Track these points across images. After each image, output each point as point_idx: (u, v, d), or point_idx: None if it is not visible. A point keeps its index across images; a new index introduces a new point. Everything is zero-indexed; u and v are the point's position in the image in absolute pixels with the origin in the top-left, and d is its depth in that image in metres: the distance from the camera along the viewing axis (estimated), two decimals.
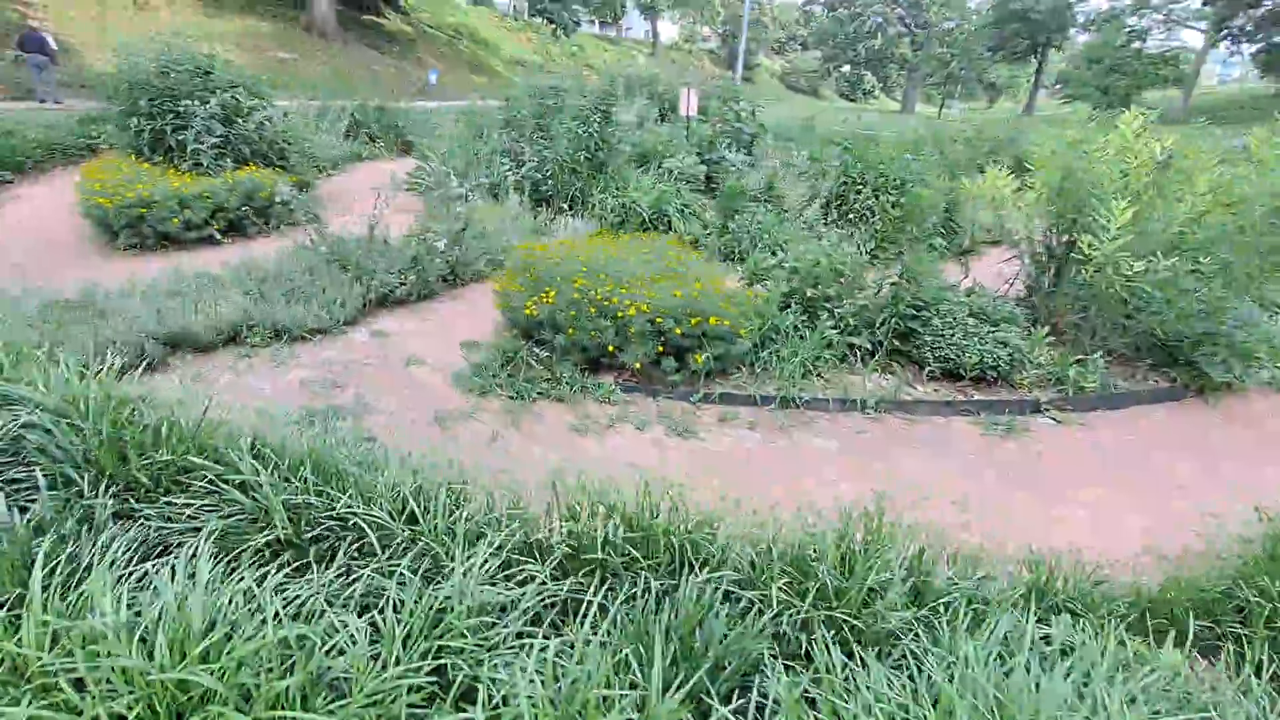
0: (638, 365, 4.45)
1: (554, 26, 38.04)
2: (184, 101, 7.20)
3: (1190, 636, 2.40)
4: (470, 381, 4.55)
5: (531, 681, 1.66)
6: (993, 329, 5.00)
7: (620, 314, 4.37)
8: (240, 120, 7.75)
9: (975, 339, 4.93)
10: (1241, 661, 2.29)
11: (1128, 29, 18.25)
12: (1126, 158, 4.60)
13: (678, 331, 4.39)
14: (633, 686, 1.73)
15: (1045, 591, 2.57)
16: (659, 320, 4.40)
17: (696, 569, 2.25)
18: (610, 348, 4.48)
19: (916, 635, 2.11)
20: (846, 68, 63.02)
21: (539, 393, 4.46)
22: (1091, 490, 3.83)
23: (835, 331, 5.00)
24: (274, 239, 7.12)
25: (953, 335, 4.95)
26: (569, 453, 3.89)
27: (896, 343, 5.21)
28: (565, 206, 8.61)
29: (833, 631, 2.11)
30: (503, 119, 9.67)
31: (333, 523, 2.38)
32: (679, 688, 1.75)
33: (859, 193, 8.24)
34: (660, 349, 4.47)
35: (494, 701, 1.66)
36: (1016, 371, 4.92)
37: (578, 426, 4.18)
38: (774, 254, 5.52)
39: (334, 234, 6.10)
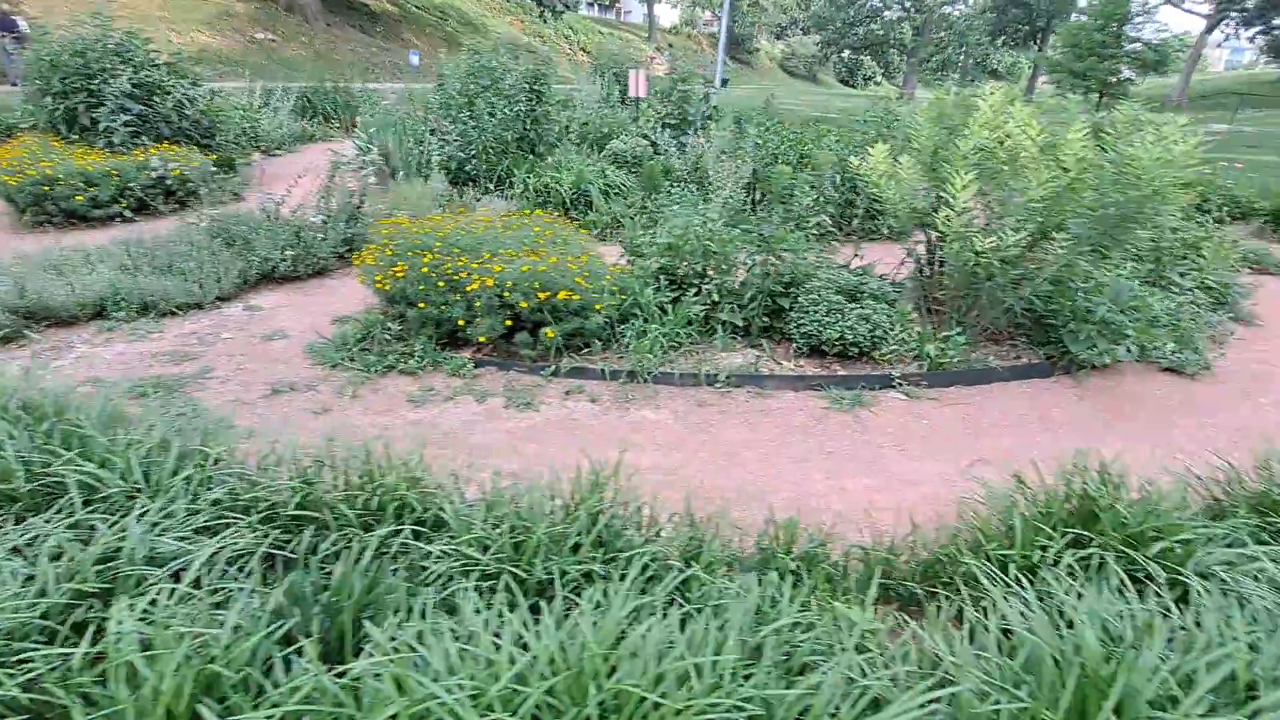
0: (483, 339, 4.48)
1: (542, 9, 37.68)
2: (95, 80, 7.21)
3: (905, 595, 2.45)
4: (323, 355, 4.59)
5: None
6: (857, 306, 5.00)
7: (468, 287, 4.40)
8: (158, 99, 7.76)
9: (838, 316, 4.93)
10: (960, 618, 2.33)
11: (1117, 15, 17.94)
12: (986, 133, 4.56)
13: (524, 305, 4.42)
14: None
15: (775, 553, 2.60)
16: (507, 294, 4.43)
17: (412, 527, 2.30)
18: (460, 321, 4.51)
19: (586, 586, 2.15)
20: (846, 52, 62.29)
21: (388, 366, 4.50)
22: (900, 463, 3.84)
23: (701, 307, 5.02)
24: (186, 217, 7.17)
25: (815, 312, 4.96)
26: (394, 422, 3.93)
27: (770, 320, 5.23)
28: (491, 186, 8.61)
29: (516, 580, 2.17)
30: (438, 99, 9.65)
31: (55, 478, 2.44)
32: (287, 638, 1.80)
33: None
34: (508, 323, 4.50)
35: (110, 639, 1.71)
36: (877, 348, 4.93)
37: (415, 398, 4.22)
38: (650, 230, 5.52)
39: (230, 211, 6.14)
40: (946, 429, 4.32)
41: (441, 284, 4.44)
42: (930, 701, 1.68)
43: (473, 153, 8.45)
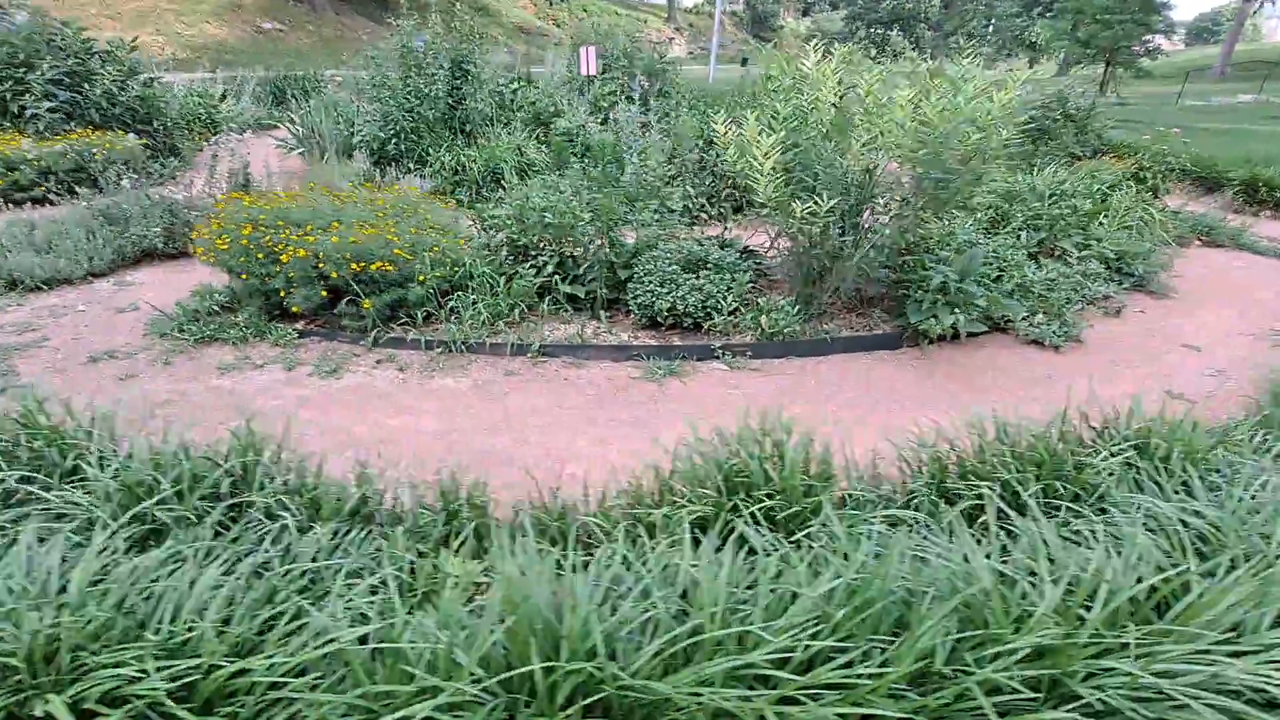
0: (296, 309, 4.58)
1: None
2: (20, 69, 7.53)
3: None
4: (158, 326, 4.75)
5: None
6: (693, 278, 4.93)
7: (282, 258, 4.49)
8: (87, 87, 8.06)
9: (672, 286, 4.87)
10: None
11: None
12: (806, 93, 4.42)
13: (334, 275, 4.49)
14: None
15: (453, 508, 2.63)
16: (321, 265, 4.51)
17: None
18: (281, 291, 4.61)
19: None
20: (873, 27, 60.39)
21: (211, 336, 4.63)
22: (681, 430, 3.80)
23: (539, 280, 5.02)
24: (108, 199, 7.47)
25: (649, 283, 4.91)
26: (192, 389, 4.06)
27: (616, 293, 5.20)
28: (412, 166, 8.70)
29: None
30: (372, 80, 9.76)
31: None
32: None
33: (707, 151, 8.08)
34: (325, 294, 4.59)
35: None
36: (710, 319, 4.85)
37: (226, 366, 4.34)
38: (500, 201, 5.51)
39: (130, 190, 6.37)
40: (755, 399, 4.24)
41: (261, 255, 4.54)
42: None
43: (393, 132, 8.54)
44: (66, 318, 4.97)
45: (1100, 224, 6.20)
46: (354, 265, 4.48)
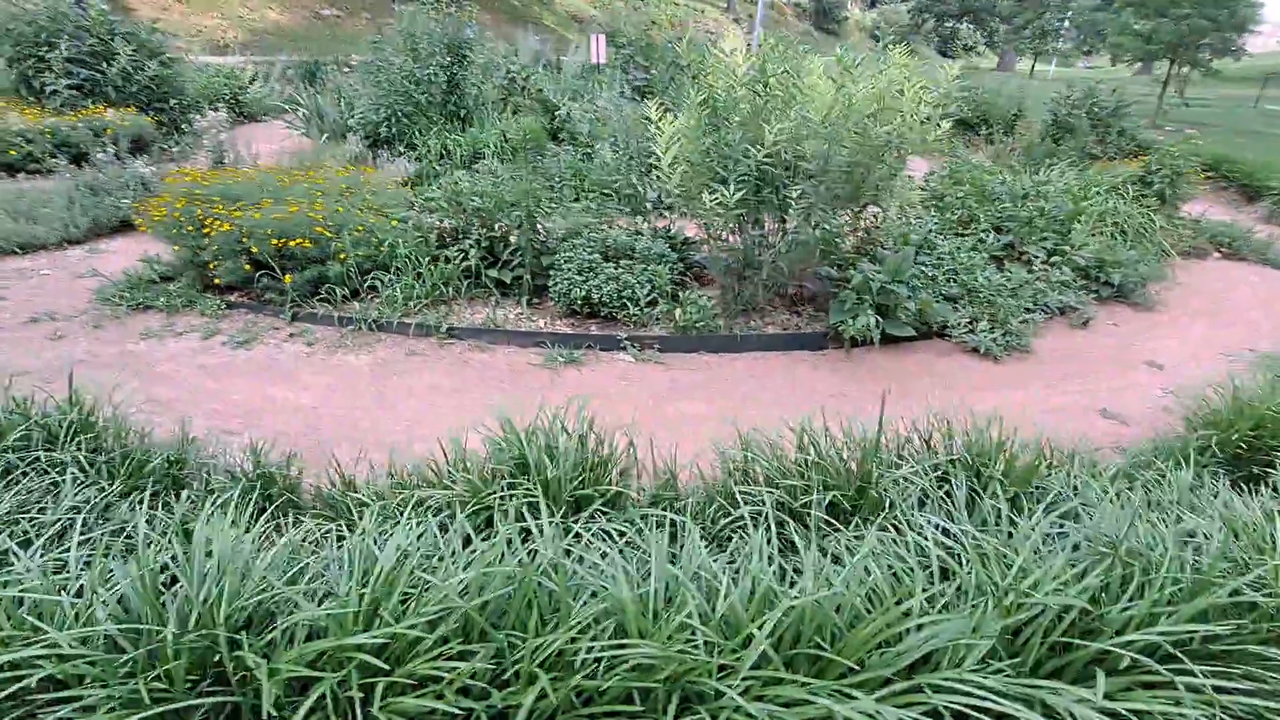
0: (219, 281, 4.74)
1: None
2: (43, 48, 8.04)
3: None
4: (106, 292, 5.01)
5: None
6: (612, 267, 4.86)
7: (207, 232, 4.66)
8: (106, 65, 8.54)
9: (589, 275, 4.82)
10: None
11: None
12: (722, 82, 4.25)
13: (255, 250, 4.63)
14: None
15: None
16: (245, 239, 4.65)
17: None
18: (210, 264, 4.79)
19: None
20: (937, 20, 57.95)
21: (144, 303, 4.85)
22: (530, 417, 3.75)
23: (464, 262, 5.05)
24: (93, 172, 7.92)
25: (568, 270, 4.86)
26: (105, 351, 4.27)
27: (545, 279, 5.19)
28: (403, 149, 8.87)
29: None
30: (369, 67, 9.99)
31: None
32: None
33: None
34: (248, 267, 4.73)
35: None
36: (626, 309, 4.78)
37: (149, 333, 4.54)
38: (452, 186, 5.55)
39: (108, 164, 6.74)
40: (646, 391, 4.17)
41: (190, 228, 4.72)
42: None
43: (385, 116, 8.73)
44: (31, 280, 5.29)
45: (1077, 228, 5.79)
46: (275, 241, 4.61)
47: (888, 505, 2.34)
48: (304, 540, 2.00)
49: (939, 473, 2.51)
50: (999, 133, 11.58)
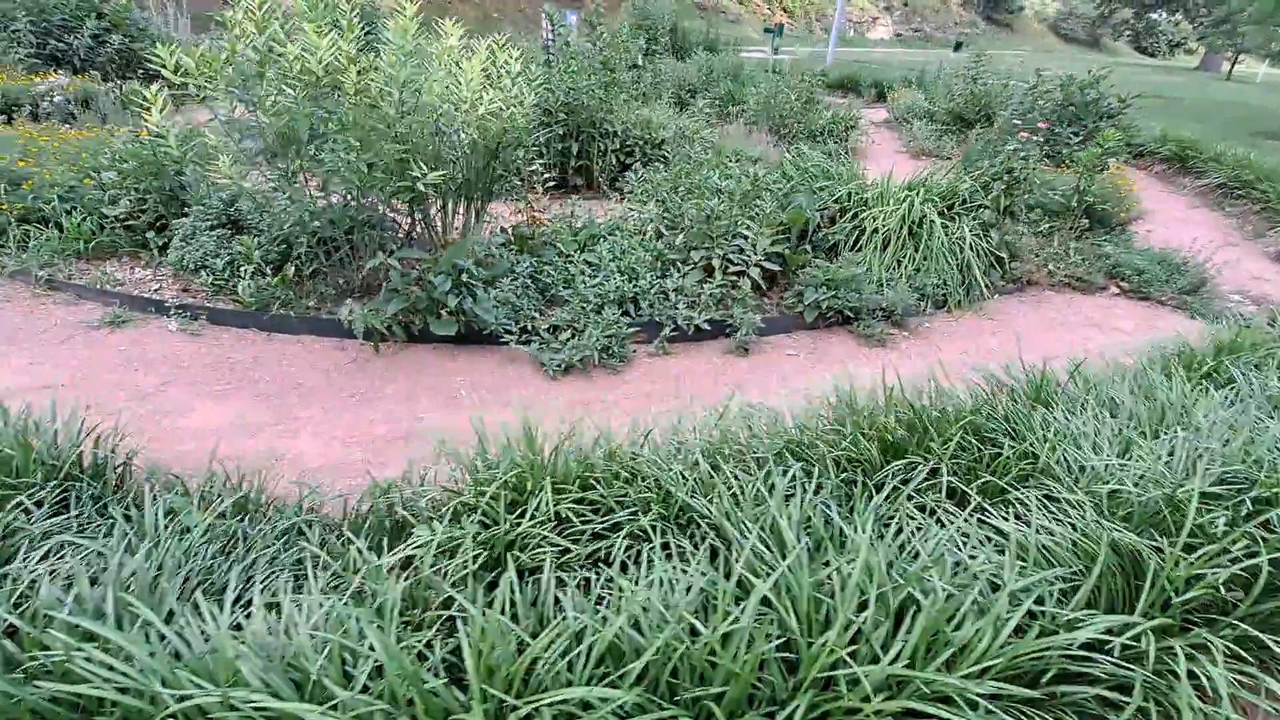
0: None
1: None
2: (6, 19, 9.35)
3: None
4: None
5: None
6: (212, 237, 4.71)
7: None
8: (69, 37, 9.74)
9: (190, 241, 4.71)
10: None
11: None
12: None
13: None
14: None
15: None
16: None
17: None
18: None
19: None
20: (1136, 12, 50.13)
21: None
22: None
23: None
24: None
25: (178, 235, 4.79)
26: None
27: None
28: None
29: None
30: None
31: None
32: None
33: None
34: None
35: None
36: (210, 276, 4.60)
37: None
38: None
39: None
40: (143, 361, 4.01)
41: None
42: None
43: None
44: None
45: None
46: None
47: None
48: None
49: None
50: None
